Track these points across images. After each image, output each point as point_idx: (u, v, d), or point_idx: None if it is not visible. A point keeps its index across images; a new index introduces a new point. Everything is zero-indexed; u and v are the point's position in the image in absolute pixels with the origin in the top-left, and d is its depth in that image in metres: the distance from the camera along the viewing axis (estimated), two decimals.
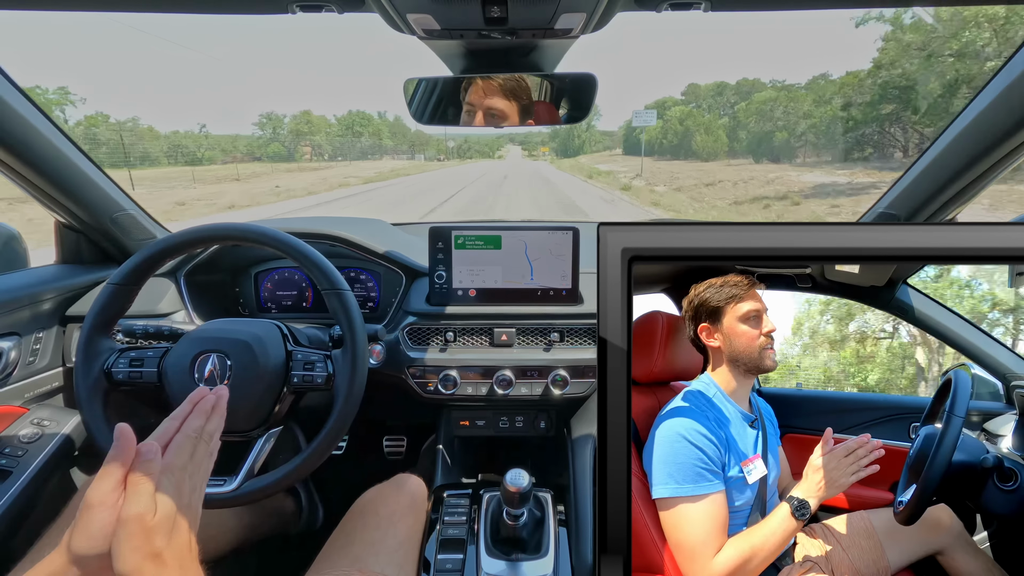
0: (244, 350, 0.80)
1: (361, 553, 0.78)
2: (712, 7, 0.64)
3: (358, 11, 0.67)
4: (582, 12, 0.65)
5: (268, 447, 0.84)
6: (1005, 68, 0.82)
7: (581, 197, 16.82)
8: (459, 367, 1.08)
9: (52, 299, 1.09)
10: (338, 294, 0.81)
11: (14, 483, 0.90)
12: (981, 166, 0.90)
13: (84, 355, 0.78)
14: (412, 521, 0.87)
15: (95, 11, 0.71)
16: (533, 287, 1.10)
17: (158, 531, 0.44)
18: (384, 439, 1.52)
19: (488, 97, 0.89)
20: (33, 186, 1.03)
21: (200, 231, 0.84)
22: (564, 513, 0.95)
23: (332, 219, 1.28)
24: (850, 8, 0.71)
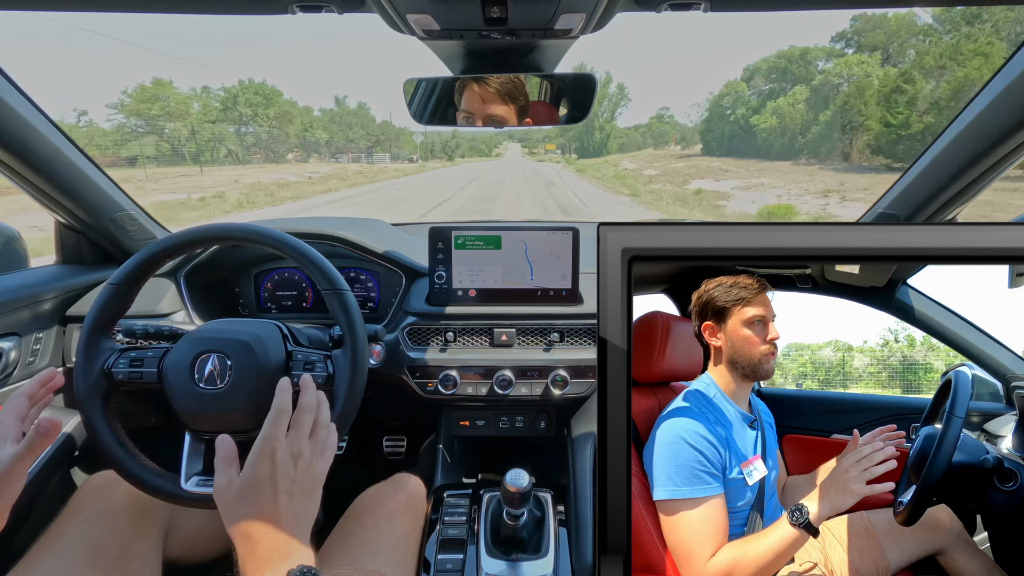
0: (244, 350, 0.80)
1: (359, 552, 0.78)
2: (712, 7, 0.64)
3: (358, 11, 0.67)
4: (582, 12, 0.65)
5: None
6: (1005, 68, 0.82)
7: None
8: (459, 367, 1.08)
9: (52, 299, 1.09)
10: (338, 294, 0.81)
11: None
12: (981, 166, 0.90)
13: (84, 355, 0.78)
14: (410, 520, 0.87)
15: (95, 11, 0.71)
16: (533, 287, 1.10)
17: (299, 467, 0.59)
18: (384, 439, 1.52)
19: (487, 104, 0.89)
20: (33, 186, 1.03)
21: (200, 231, 0.84)
22: (564, 513, 0.94)
23: (332, 219, 1.28)
24: (850, 8, 0.71)
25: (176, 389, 0.78)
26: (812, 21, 71.50)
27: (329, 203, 19.58)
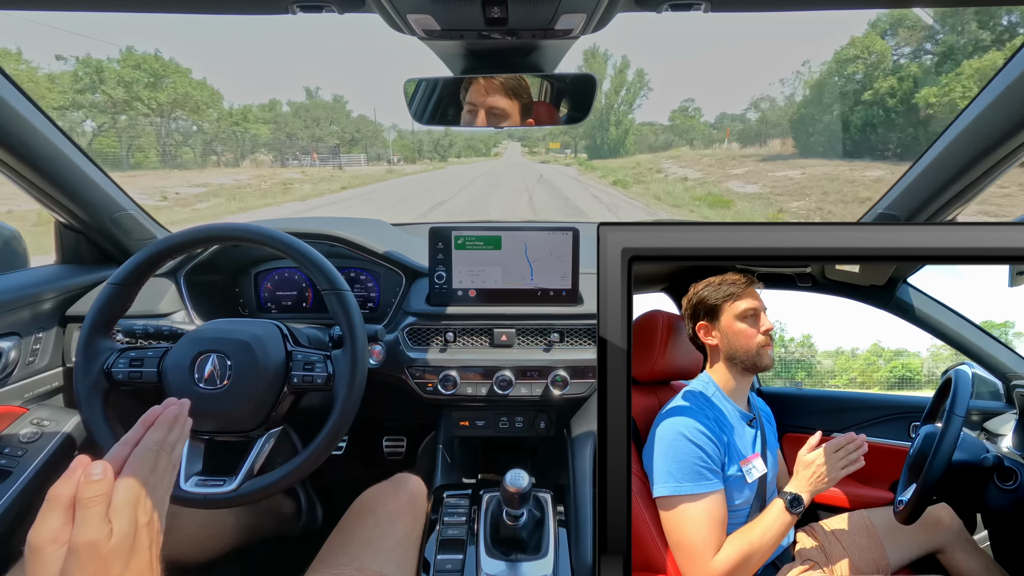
0: (244, 350, 0.80)
1: (360, 552, 0.78)
2: (712, 8, 0.64)
3: (358, 11, 0.67)
4: (582, 12, 0.65)
5: (268, 447, 0.84)
6: (1005, 68, 0.82)
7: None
8: (459, 367, 1.08)
9: (52, 299, 1.09)
10: (338, 294, 0.81)
11: (14, 483, 0.90)
12: (981, 166, 0.91)
13: (84, 355, 0.78)
14: (411, 520, 0.87)
15: (95, 11, 0.71)
16: (533, 287, 1.10)
17: (115, 557, 0.40)
18: (384, 439, 1.52)
19: (490, 96, 0.90)
20: (33, 186, 1.03)
21: (200, 231, 0.84)
22: (564, 513, 0.94)
23: (332, 219, 1.28)
24: (850, 8, 0.71)
25: (176, 389, 0.79)
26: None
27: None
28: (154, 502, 0.46)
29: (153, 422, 0.53)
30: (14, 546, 0.89)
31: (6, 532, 0.87)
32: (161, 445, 0.50)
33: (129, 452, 0.49)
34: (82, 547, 0.39)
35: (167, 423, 0.53)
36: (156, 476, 0.48)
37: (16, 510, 0.89)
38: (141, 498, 0.45)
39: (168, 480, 0.50)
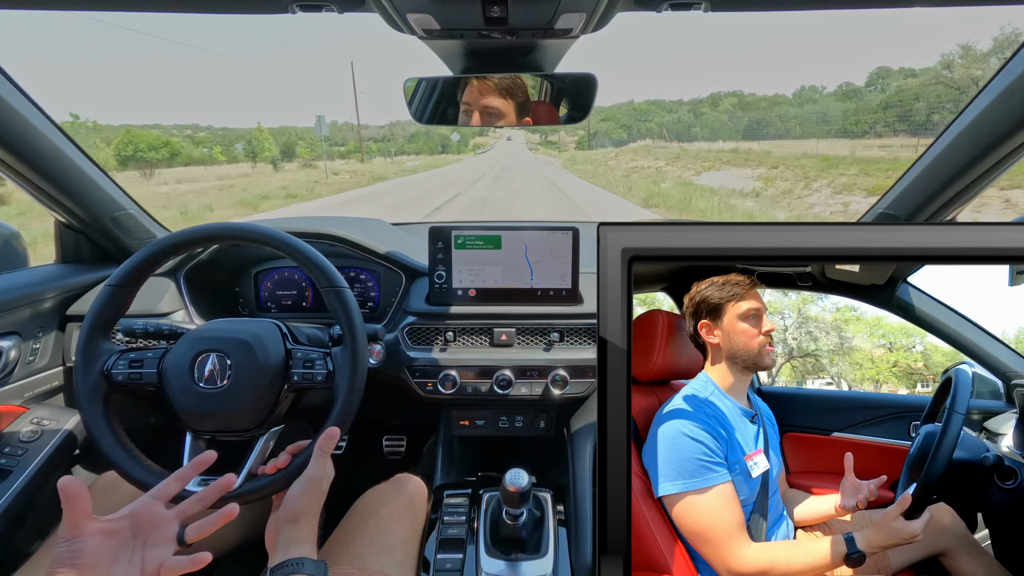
0: (244, 349, 0.80)
1: (361, 552, 0.78)
2: (712, 7, 0.64)
3: (358, 11, 0.67)
4: (582, 12, 0.65)
5: (269, 446, 0.84)
6: (1005, 68, 0.82)
7: None
8: (459, 367, 1.08)
9: (52, 299, 1.09)
10: (337, 292, 0.81)
11: (14, 482, 0.90)
12: (981, 167, 0.90)
13: (83, 357, 0.78)
14: (411, 520, 0.87)
15: (95, 11, 0.71)
16: (533, 287, 1.10)
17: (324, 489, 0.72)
18: (384, 439, 1.52)
19: (484, 96, 0.90)
20: (33, 185, 1.03)
21: (200, 231, 0.84)
22: (564, 513, 0.94)
23: (332, 219, 1.28)
24: (850, 8, 0.71)
25: (176, 389, 0.78)
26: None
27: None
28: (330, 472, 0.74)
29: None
30: (15, 545, 0.89)
31: (6, 531, 0.87)
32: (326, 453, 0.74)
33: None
34: (319, 479, 0.72)
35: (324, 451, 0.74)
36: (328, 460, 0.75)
37: (16, 510, 0.89)
38: (329, 467, 0.74)
39: (330, 471, 0.75)
